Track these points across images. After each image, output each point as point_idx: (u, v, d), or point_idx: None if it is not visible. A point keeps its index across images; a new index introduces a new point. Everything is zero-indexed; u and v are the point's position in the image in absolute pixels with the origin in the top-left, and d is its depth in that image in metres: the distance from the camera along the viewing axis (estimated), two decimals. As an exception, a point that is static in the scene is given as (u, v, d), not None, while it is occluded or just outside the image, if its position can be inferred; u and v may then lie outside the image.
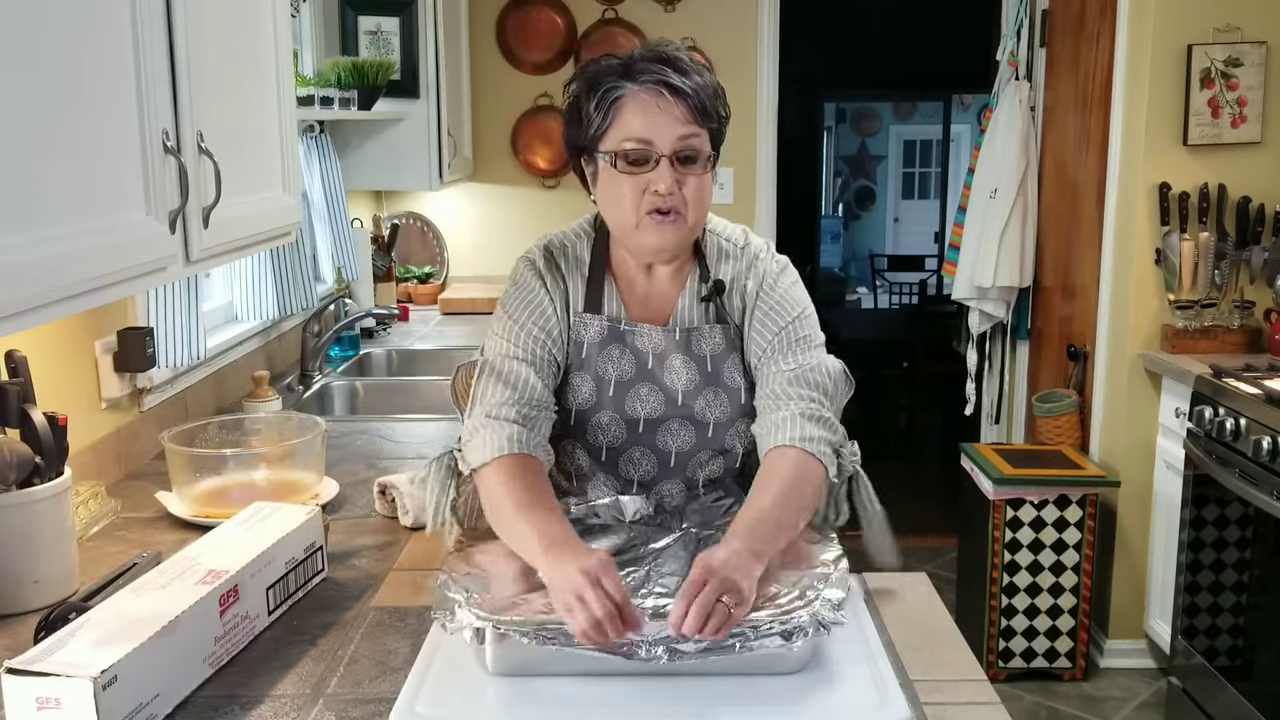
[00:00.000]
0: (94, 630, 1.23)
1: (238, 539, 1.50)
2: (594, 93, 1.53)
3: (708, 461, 1.65)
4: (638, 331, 1.63)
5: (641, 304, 1.66)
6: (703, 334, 1.63)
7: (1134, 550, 3.57)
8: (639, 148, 1.51)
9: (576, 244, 1.69)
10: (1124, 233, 3.54)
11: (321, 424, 2.00)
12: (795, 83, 5.40)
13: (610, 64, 1.55)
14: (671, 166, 1.51)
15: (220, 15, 1.75)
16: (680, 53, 1.55)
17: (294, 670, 1.38)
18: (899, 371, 6.44)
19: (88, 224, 1.32)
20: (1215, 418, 2.93)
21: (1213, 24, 3.31)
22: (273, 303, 2.97)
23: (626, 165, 1.52)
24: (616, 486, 1.66)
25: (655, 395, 1.62)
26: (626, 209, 1.54)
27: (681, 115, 1.51)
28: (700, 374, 1.62)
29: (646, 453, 1.64)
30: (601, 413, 1.62)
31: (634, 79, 1.51)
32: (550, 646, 1.23)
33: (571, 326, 1.63)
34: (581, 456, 1.66)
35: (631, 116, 1.51)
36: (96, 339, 2.13)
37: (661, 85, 1.50)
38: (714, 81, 1.57)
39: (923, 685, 1.33)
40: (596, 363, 1.62)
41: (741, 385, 1.64)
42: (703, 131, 1.53)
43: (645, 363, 1.62)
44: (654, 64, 1.52)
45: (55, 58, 1.26)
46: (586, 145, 1.57)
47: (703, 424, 1.63)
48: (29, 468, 1.53)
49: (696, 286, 1.65)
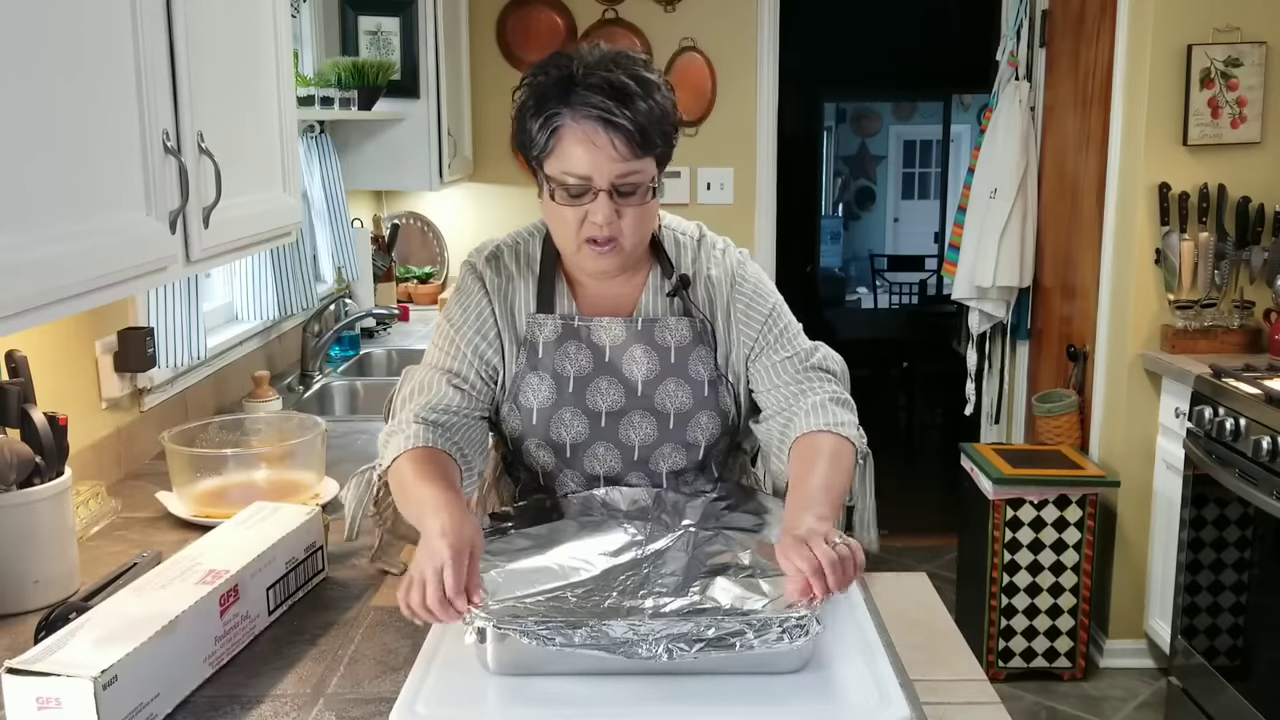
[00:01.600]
0: (94, 630, 1.23)
1: (238, 539, 1.50)
2: (539, 111, 1.50)
3: (670, 454, 1.66)
4: (594, 326, 1.64)
5: (594, 301, 1.66)
6: (667, 325, 1.64)
7: (1134, 550, 3.57)
8: (578, 182, 1.49)
9: (529, 242, 1.70)
10: (1124, 233, 3.54)
11: (322, 424, 2.00)
12: (795, 83, 5.38)
13: (556, 78, 1.49)
14: (610, 198, 1.49)
15: (220, 15, 1.74)
16: (626, 75, 1.48)
17: (294, 670, 1.38)
18: (899, 371, 6.44)
19: (88, 224, 1.32)
20: (1215, 418, 2.93)
21: (1212, 24, 3.31)
22: (273, 303, 2.96)
23: (566, 197, 1.51)
24: (582, 483, 1.67)
25: (615, 387, 1.63)
26: (568, 234, 1.54)
27: (621, 151, 1.47)
28: (661, 364, 1.63)
29: (610, 447, 1.65)
30: (563, 409, 1.63)
31: (573, 107, 1.47)
32: (551, 646, 1.22)
33: (526, 327, 1.64)
34: (545, 455, 1.67)
35: (571, 147, 1.48)
36: (97, 339, 2.13)
37: (599, 122, 1.46)
38: (663, 102, 1.51)
39: (923, 685, 1.36)
40: (554, 360, 1.63)
41: (705, 378, 1.64)
42: (644, 162, 1.50)
43: (603, 356, 1.63)
44: (596, 93, 1.46)
45: (55, 58, 1.25)
46: (531, 159, 1.55)
47: (663, 414, 1.64)
48: (29, 468, 1.53)
49: (659, 282, 1.66)
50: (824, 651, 1.32)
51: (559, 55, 1.53)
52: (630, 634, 1.23)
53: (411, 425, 1.53)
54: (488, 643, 1.25)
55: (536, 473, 1.70)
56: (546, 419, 1.63)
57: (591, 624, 1.25)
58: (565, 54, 1.53)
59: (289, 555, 1.53)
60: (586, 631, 1.23)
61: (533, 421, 1.64)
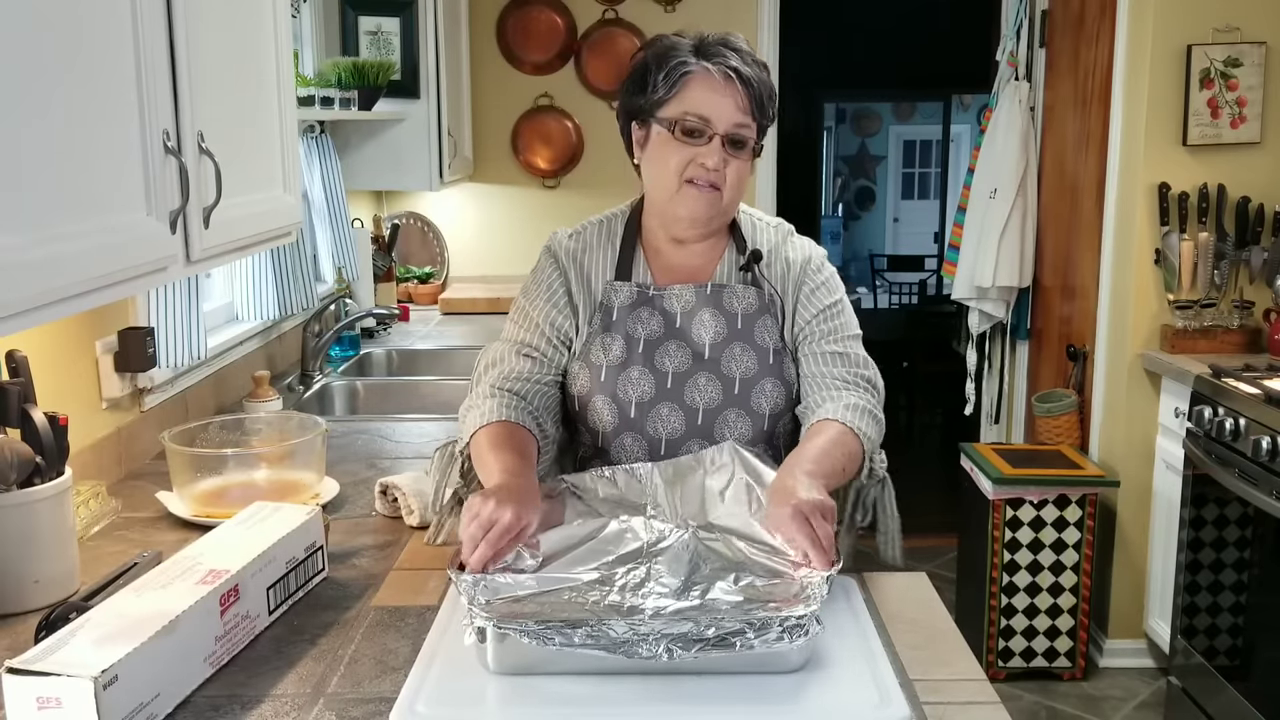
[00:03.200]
0: (94, 630, 1.23)
1: (238, 539, 1.50)
2: (664, 64, 1.61)
3: (735, 421, 1.68)
4: (667, 294, 1.70)
5: (670, 271, 1.73)
6: (735, 292, 1.70)
7: (1133, 550, 3.57)
8: (697, 122, 1.59)
9: (614, 220, 1.77)
10: (1123, 233, 3.54)
11: (322, 424, 2.00)
12: (795, 83, 5.39)
13: (681, 41, 1.63)
14: (722, 146, 1.60)
15: (220, 15, 1.74)
16: (747, 46, 1.64)
17: (294, 670, 1.38)
18: (899, 371, 6.44)
19: (88, 224, 1.31)
20: (1215, 418, 2.93)
21: (1212, 24, 3.31)
22: (273, 303, 2.96)
23: (682, 135, 1.60)
24: (644, 445, 1.69)
25: (683, 350, 1.68)
26: (670, 173, 1.62)
27: (741, 103, 1.59)
28: (729, 328, 1.68)
29: (674, 408, 1.67)
30: (632, 368, 1.67)
31: (705, 58, 1.59)
32: (551, 646, 1.22)
33: (603, 293, 1.70)
34: (609, 414, 1.69)
35: (696, 91, 1.59)
36: (97, 339, 2.13)
37: (730, 70, 1.58)
38: (771, 83, 1.65)
39: (922, 685, 1.32)
40: (626, 323, 1.69)
41: (770, 346, 1.69)
42: (753, 123, 1.62)
43: (674, 322, 1.69)
44: (725, 49, 1.60)
45: (55, 58, 1.25)
46: (645, 110, 1.64)
47: (729, 379, 1.67)
48: (29, 467, 1.53)
49: (735, 258, 1.73)
50: (824, 651, 1.31)
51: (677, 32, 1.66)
52: (630, 634, 1.23)
53: (488, 400, 1.62)
54: (488, 642, 1.25)
55: (598, 433, 1.71)
56: (615, 376, 1.67)
57: (591, 623, 1.24)
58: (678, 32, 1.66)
59: (289, 555, 1.53)
60: (586, 631, 1.23)
61: (601, 378, 1.68)
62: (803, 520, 1.36)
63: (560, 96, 4.56)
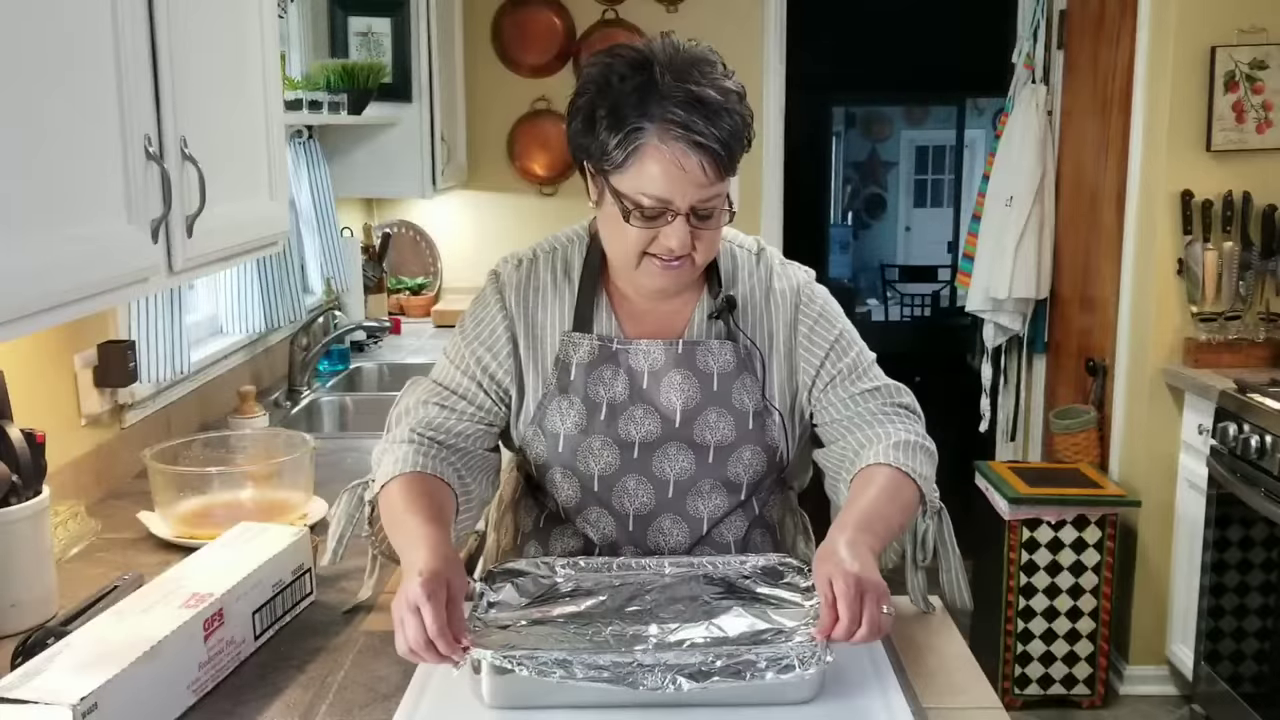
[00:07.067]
0: (73, 655, 1.24)
1: (223, 561, 1.50)
2: (614, 123, 1.38)
3: (709, 492, 1.56)
4: (633, 349, 1.54)
5: (638, 320, 1.57)
6: (709, 349, 1.55)
7: (1155, 572, 3.55)
8: (655, 205, 1.40)
9: (568, 249, 1.60)
10: (1145, 242, 3.53)
11: (310, 441, 2.00)
12: (802, 86, 5.35)
13: (635, 85, 1.37)
14: (687, 221, 1.41)
15: (205, 15, 1.74)
16: (711, 87, 1.38)
17: (281, 697, 1.37)
18: (911, 386, 6.34)
19: (66, 233, 1.32)
20: (1240, 434, 2.91)
21: (1237, 25, 3.30)
22: (259, 315, 2.95)
23: (640, 219, 1.41)
24: (611, 522, 1.58)
25: (650, 416, 1.54)
26: (629, 247, 1.44)
27: (709, 175, 1.38)
28: (702, 392, 1.54)
29: (642, 481, 1.56)
30: (592, 438, 1.54)
31: (658, 124, 1.36)
32: (550, 679, 1.20)
33: (559, 346, 1.55)
34: (570, 487, 1.58)
35: (651, 166, 1.37)
36: (76, 353, 2.12)
37: (688, 144, 1.36)
38: (744, 113, 1.42)
39: (935, 713, 1.31)
40: (586, 385, 1.54)
41: (750, 409, 1.55)
42: (725, 183, 1.41)
43: (640, 383, 1.54)
44: (682, 108, 1.35)
45: (31, 59, 1.25)
46: (594, 160, 1.44)
47: (702, 447, 1.55)
48: (5, 486, 1.52)
49: (711, 302, 1.57)
50: (835, 680, 1.31)
51: (631, 51, 1.42)
52: (635, 664, 1.21)
53: (405, 446, 1.48)
54: (482, 675, 1.23)
55: (560, 507, 1.61)
56: (574, 447, 1.54)
57: (594, 654, 1.24)
58: (638, 51, 1.41)
59: (276, 578, 1.52)
60: (588, 661, 1.21)
61: (558, 449, 1.55)
62: (828, 585, 1.26)
63: (558, 100, 4.49)
